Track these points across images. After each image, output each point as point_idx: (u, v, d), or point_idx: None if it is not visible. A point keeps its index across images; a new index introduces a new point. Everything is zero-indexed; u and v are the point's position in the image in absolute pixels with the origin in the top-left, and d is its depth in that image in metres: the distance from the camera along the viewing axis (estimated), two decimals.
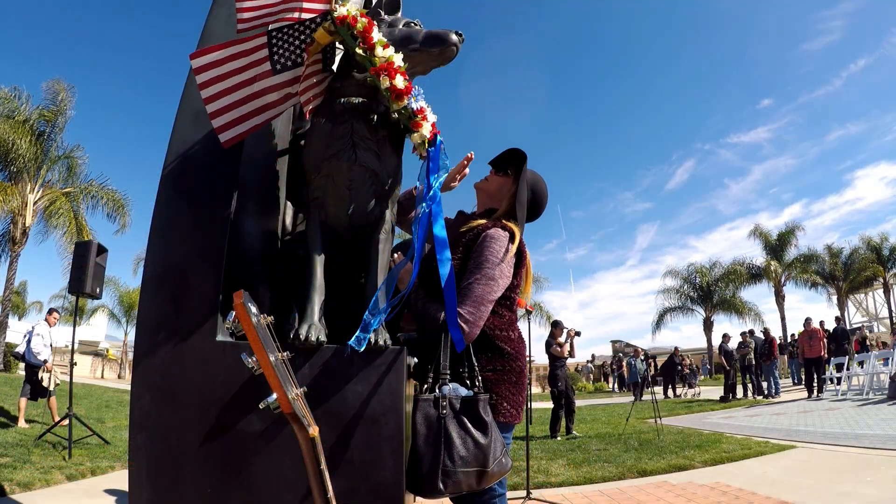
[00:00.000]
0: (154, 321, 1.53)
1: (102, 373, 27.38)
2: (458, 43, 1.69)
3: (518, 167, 1.72)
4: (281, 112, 1.73)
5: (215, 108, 1.54)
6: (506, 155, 1.75)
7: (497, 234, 1.59)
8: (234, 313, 1.05)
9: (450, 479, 1.33)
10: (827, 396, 10.94)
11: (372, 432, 1.44)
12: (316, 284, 1.63)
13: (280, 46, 1.62)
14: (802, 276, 23.94)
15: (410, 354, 1.60)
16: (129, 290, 26.84)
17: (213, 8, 1.85)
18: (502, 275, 1.57)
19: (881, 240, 23.54)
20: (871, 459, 4.69)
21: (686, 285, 25.31)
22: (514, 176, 1.73)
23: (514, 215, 1.69)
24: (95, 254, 5.83)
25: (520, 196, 1.69)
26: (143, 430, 1.46)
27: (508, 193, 1.73)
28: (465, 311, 1.49)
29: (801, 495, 3.70)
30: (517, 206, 1.69)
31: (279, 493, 1.41)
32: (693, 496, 3.90)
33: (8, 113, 14.43)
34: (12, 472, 4.22)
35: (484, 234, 1.59)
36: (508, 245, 1.59)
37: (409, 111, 1.60)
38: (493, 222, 1.65)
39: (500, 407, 1.54)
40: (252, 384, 1.45)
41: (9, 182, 14.89)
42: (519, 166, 1.71)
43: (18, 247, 15.17)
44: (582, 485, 4.50)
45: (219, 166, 1.65)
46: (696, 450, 5.65)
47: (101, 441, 6.08)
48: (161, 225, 1.62)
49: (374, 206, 1.72)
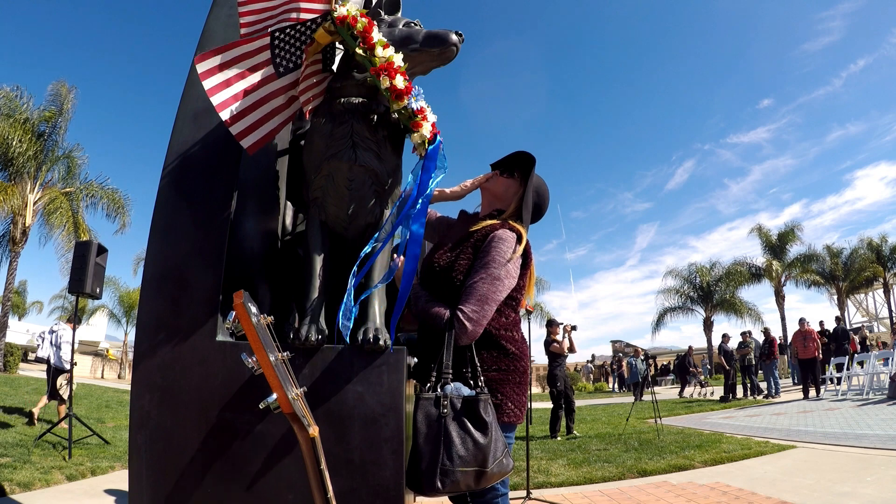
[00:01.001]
0: (154, 321, 1.53)
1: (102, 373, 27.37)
2: (457, 43, 1.69)
3: (525, 170, 1.73)
4: (293, 116, 1.74)
5: (229, 114, 1.53)
6: (513, 157, 1.75)
7: (505, 235, 1.60)
8: (234, 313, 1.05)
9: (448, 478, 1.33)
10: (827, 396, 10.94)
11: (372, 432, 1.44)
12: (316, 284, 1.63)
13: (282, 49, 1.63)
14: (803, 276, 23.94)
15: (410, 354, 1.60)
16: (129, 290, 26.84)
17: (213, 8, 1.85)
18: (508, 275, 1.57)
19: (881, 240, 23.56)
20: (871, 459, 4.68)
21: (686, 285, 25.30)
22: (520, 178, 1.75)
23: (520, 217, 1.70)
24: (95, 254, 5.82)
25: (526, 199, 1.70)
26: (143, 430, 1.46)
27: (514, 195, 1.74)
28: (469, 308, 1.49)
29: (801, 495, 3.70)
30: (523, 209, 1.70)
31: (279, 492, 1.41)
32: (693, 496, 3.90)
33: (9, 112, 14.43)
34: (12, 472, 4.22)
35: (492, 234, 1.60)
36: (516, 246, 1.60)
37: (409, 111, 1.60)
38: (500, 223, 1.66)
39: (505, 407, 1.54)
40: (252, 384, 1.45)
41: (9, 182, 14.89)
42: (526, 169, 1.73)
43: (18, 247, 15.17)
44: (582, 485, 4.50)
45: (219, 166, 1.65)
46: (696, 450, 5.65)
47: (101, 441, 6.08)
48: (161, 225, 1.62)
49: (374, 206, 1.72)
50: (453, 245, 1.67)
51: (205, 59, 1.52)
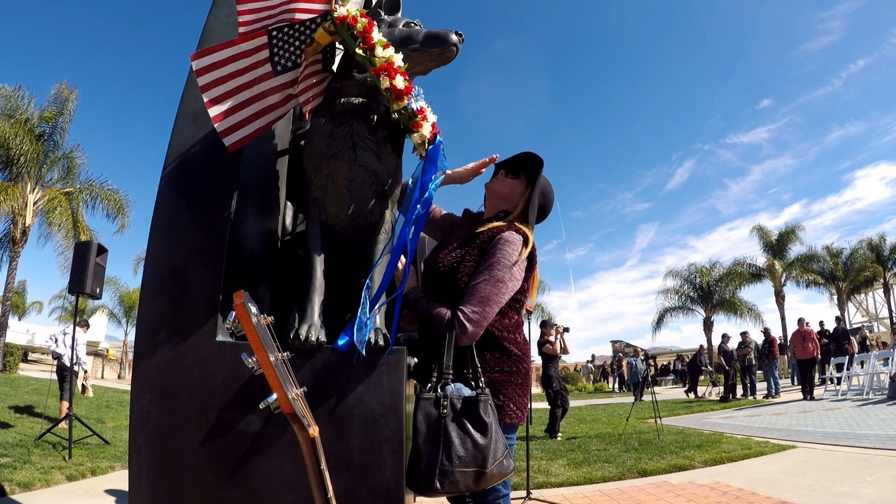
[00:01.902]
0: (154, 321, 1.53)
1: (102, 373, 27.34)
2: (457, 43, 1.69)
3: (532, 171, 1.73)
4: (284, 114, 1.73)
5: (218, 111, 1.53)
6: (520, 158, 1.75)
7: (511, 238, 1.59)
8: (234, 313, 1.05)
9: (447, 479, 1.33)
10: (827, 396, 10.93)
11: (372, 432, 1.44)
12: (316, 284, 1.63)
13: (280, 47, 1.62)
14: (804, 276, 23.94)
15: (410, 354, 1.60)
16: (129, 290, 26.84)
17: (213, 8, 1.85)
18: (512, 277, 1.57)
19: (880, 240, 23.55)
20: (871, 459, 4.68)
21: (686, 285, 25.33)
22: (526, 180, 1.74)
23: (526, 219, 1.70)
24: (95, 254, 5.83)
25: (533, 201, 1.70)
26: (143, 430, 1.46)
27: (520, 196, 1.74)
28: (469, 309, 1.49)
29: (801, 495, 3.70)
30: (529, 211, 1.70)
31: (279, 493, 1.41)
32: (693, 496, 3.90)
33: (10, 112, 14.43)
34: (12, 472, 4.22)
35: (498, 236, 1.60)
36: (522, 249, 1.59)
37: (409, 111, 1.60)
38: (507, 225, 1.66)
39: (507, 408, 1.54)
40: (252, 384, 1.45)
41: (9, 182, 14.89)
42: (533, 171, 1.72)
43: (18, 247, 15.17)
44: (582, 485, 4.50)
45: (219, 166, 1.65)
46: (696, 450, 5.64)
47: (101, 441, 6.08)
48: (161, 225, 1.62)
49: (374, 206, 1.72)
50: (458, 245, 1.67)
51: (200, 56, 1.51)
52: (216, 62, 1.53)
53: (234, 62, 1.55)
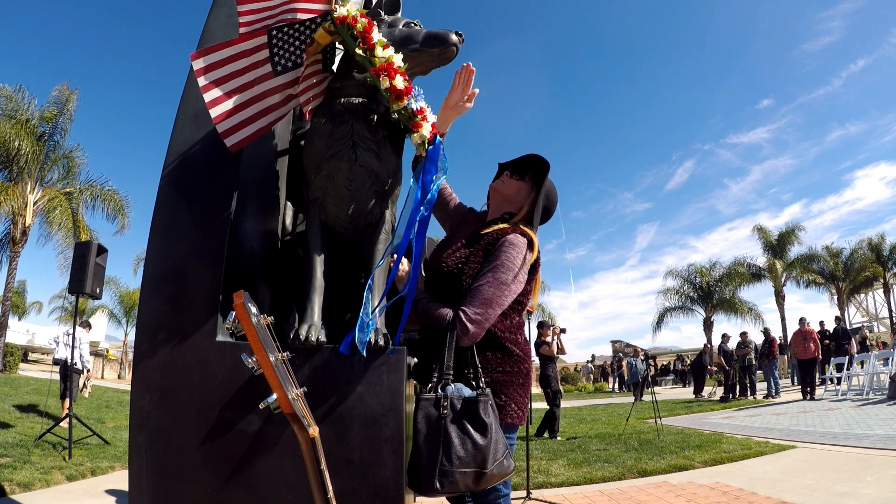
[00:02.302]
0: (154, 321, 1.53)
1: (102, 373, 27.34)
2: (457, 43, 1.69)
3: (538, 174, 1.72)
4: (284, 114, 1.74)
5: (219, 111, 1.53)
6: (525, 160, 1.74)
7: (517, 241, 1.59)
8: (234, 313, 1.05)
9: (447, 479, 1.33)
10: (827, 396, 10.93)
11: (372, 432, 1.44)
12: (316, 284, 1.63)
13: (280, 47, 1.62)
14: (804, 276, 23.93)
15: (410, 354, 1.60)
16: (129, 290, 26.82)
17: (213, 8, 1.85)
18: (516, 280, 1.57)
19: (880, 240, 23.54)
20: (871, 459, 4.68)
21: (686, 285, 25.32)
22: (531, 182, 1.74)
23: (531, 221, 1.70)
24: (95, 254, 5.82)
25: (538, 204, 1.70)
26: (143, 430, 1.46)
27: (525, 198, 1.73)
28: (471, 311, 1.49)
29: (801, 495, 3.70)
30: (535, 213, 1.70)
31: (279, 492, 1.41)
32: (693, 496, 3.90)
33: (10, 112, 14.43)
34: (12, 472, 4.22)
35: (503, 238, 1.60)
36: (526, 252, 1.59)
37: (409, 111, 1.60)
38: (512, 227, 1.65)
39: (508, 409, 1.54)
40: (252, 384, 1.45)
41: (9, 182, 14.89)
42: (539, 173, 1.72)
43: (18, 247, 15.17)
44: (582, 485, 4.50)
45: (219, 166, 1.65)
46: (696, 450, 5.64)
47: (101, 441, 6.08)
48: (161, 225, 1.62)
49: (374, 206, 1.72)
50: (462, 246, 1.67)
51: (200, 56, 1.51)
52: (216, 62, 1.53)
53: (234, 62, 1.55)
